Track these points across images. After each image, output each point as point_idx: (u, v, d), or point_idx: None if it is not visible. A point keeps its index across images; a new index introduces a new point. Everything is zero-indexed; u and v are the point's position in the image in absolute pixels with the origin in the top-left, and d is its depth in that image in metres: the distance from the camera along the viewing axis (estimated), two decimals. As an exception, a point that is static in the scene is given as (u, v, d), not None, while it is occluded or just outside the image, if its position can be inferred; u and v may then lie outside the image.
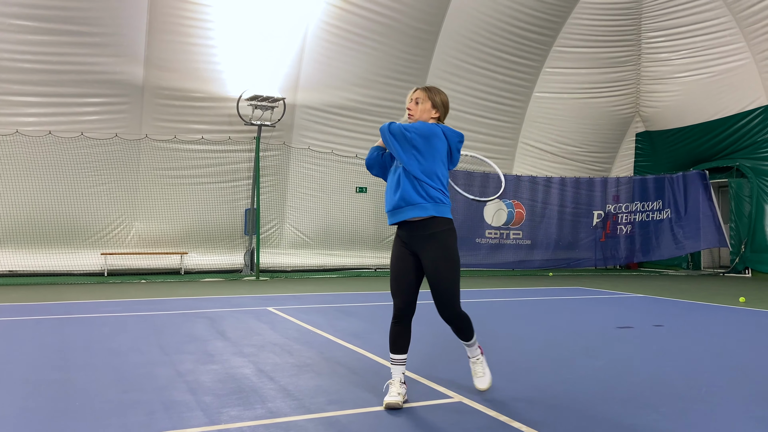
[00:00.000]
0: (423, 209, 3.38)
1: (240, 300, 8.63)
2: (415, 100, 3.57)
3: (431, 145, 3.37)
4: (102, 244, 12.68)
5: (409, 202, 3.38)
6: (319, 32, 13.23)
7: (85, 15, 11.44)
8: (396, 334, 3.52)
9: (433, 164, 3.38)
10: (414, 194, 3.37)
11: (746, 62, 14.42)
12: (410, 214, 3.40)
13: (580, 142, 17.34)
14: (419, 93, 3.57)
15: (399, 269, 3.52)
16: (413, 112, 3.56)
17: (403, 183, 3.40)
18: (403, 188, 3.40)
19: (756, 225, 14.77)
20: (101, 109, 12.36)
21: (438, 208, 3.40)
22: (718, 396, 3.69)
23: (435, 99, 3.57)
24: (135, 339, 5.45)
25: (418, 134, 3.36)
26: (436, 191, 3.39)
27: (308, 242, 14.38)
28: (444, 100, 3.61)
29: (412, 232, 3.46)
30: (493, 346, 5.22)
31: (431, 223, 3.40)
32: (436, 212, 3.39)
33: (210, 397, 3.57)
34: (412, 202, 3.38)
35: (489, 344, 5.15)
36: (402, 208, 3.41)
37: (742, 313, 7.63)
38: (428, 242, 3.40)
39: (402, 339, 3.52)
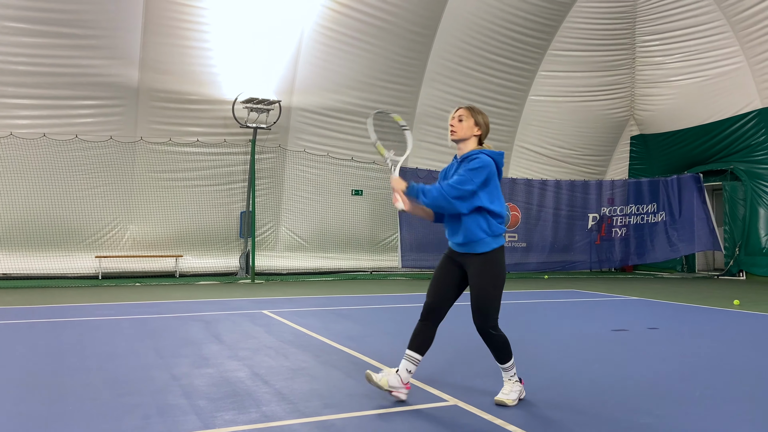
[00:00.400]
0: (486, 245, 3.50)
1: (235, 303, 8.61)
2: (458, 117, 3.64)
3: (489, 178, 3.47)
4: (96, 247, 12.63)
5: (472, 239, 3.50)
6: (314, 35, 13.24)
7: (79, 17, 11.42)
8: (417, 330, 3.61)
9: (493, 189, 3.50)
10: (479, 232, 3.48)
11: (740, 66, 14.50)
12: (475, 249, 3.51)
13: (575, 145, 17.39)
14: (463, 111, 3.66)
15: (440, 274, 3.65)
16: (456, 128, 3.62)
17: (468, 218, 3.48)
18: (466, 225, 3.49)
19: (750, 228, 14.83)
20: (96, 111, 12.33)
21: (497, 240, 3.53)
22: (713, 398, 3.70)
23: (478, 118, 3.65)
24: (129, 342, 5.43)
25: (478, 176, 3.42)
26: (498, 226, 3.51)
27: (304, 245, 14.37)
28: (486, 121, 3.70)
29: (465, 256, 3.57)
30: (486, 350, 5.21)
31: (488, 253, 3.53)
32: (496, 244, 3.52)
33: (204, 401, 3.56)
34: (476, 239, 3.50)
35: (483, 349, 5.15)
36: (467, 244, 3.52)
37: (736, 316, 7.66)
38: (479, 267, 3.52)
39: (420, 338, 3.58)
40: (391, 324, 6.78)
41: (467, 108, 3.66)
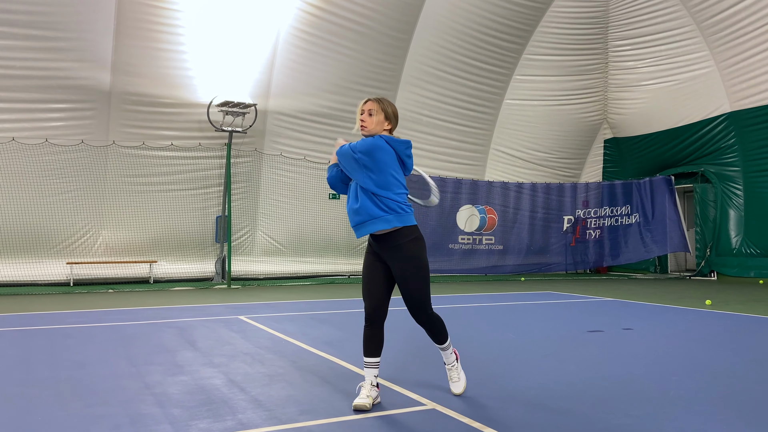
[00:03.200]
0: (386, 221, 3.48)
1: (211, 309, 8.49)
2: (368, 111, 3.59)
3: (377, 159, 3.44)
4: (68, 253, 12.37)
5: (372, 215, 3.49)
6: (290, 38, 13.18)
7: (49, 19, 11.19)
8: (367, 337, 3.60)
9: (384, 176, 3.46)
10: (375, 208, 3.48)
11: (710, 70, 14.81)
12: (374, 227, 3.50)
13: (550, 148, 17.58)
14: (372, 104, 3.60)
15: (369, 275, 3.64)
16: (366, 123, 3.59)
17: (362, 198, 3.51)
18: (362, 203, 3.50)
19: (720, 229, 15.14)
20: (66, 115, 12.09)
21: (400, 218, 3.49)
22: (687, 398, 3.75)
23: (388, 110, 3.61)
24: (101, 351, 5.31)
25: (363, 152, 3.45)
26: (393, 202, 3.48)
27: (281, 249, 14.26)
28: (395, 112, 3.67)
29: (379, 243, 3.58)
30: (466, 351, 5.22)
31: (397, 233, 3.51)
32: (399, 222, 3.49)
33: (178, 410, 3.49)
34: (374, 216, 3.49)
35: (462, 349, 5.15)
36: (365, 223, 3.52)
37: (708, 316, 7.80)
38: (395, 252, 3.52)
39: (373, 342, 3.59)
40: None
41: (376, 100, 3.61)
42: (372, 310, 3.59)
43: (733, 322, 7.17)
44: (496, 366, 4.70)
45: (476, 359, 4.95)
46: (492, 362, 4.85)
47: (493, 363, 4.82)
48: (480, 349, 5.39)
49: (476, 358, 5.02)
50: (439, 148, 15.75)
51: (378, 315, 3.59)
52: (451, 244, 15.25)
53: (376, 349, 3.59)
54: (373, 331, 3.60)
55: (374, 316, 3.59)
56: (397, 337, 5.87)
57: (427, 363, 4.79)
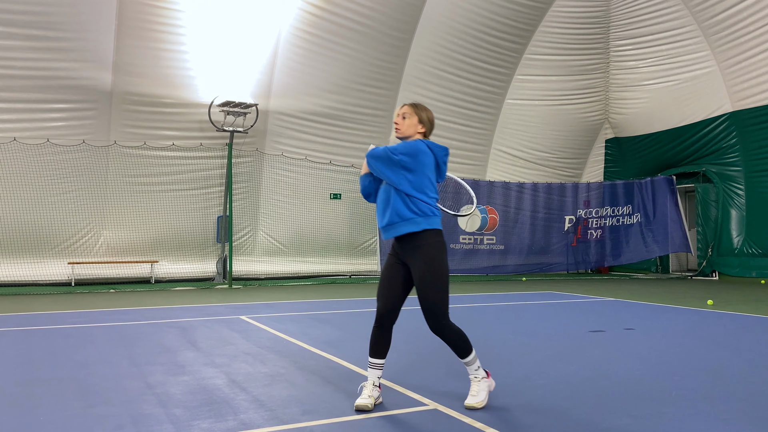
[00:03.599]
0: (415, 224, 3.51)
1: (212, 309, 8.49)
2: (402, 115, 3.68)
3: (419, 161, 3.50)
4: (69, 253, 12.38)
5: (402, 217, 3.52)
6: (291, 38, 13.18)
7: (50, 19, 11.20)
8: (376, 337, 3.61)
9: (422, 179, 3.52)
10: (406, 210, 3.51)
11: (711, 70, 14.80)
12: (404, 229, 3.52)
13: (551, 148, 17.57)
14: (406, 108, 3.70)
15: (387, 276, 3.64)
16: (400, 126, 3.67)
17: (394, 200, 3.54)
18: (394, 205, 3.53)
19: (722, 229, 15.13)
20: (68, 115, 12.10)
21: (429, 220, 3.53)
22: (689, 398, 3.74)
23: (421, 115, 3.69)
24: (103, 351, 5.32)
25: (404, 153, 3.49)
26: (425, 205, 3.53)
27: (282, 249, 14.26)
28: (430, 117, 3.74)
29: (402, 244, 3.60)
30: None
31: (421, 235, 3.53)
32: (428, 225, 3.52)
33: (180, 410, 3.49)
34: (405, 218, 3.52)
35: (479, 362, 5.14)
36: (396, 224, 3.54)
37: (710, 316, 7.79)
38: (417, 253, 3.52)
39: (381, 344, 3.60)
40: (370, 328, 6.74)
41: (411, 105, 3.71)
42: (385, 311, 3.59)
43: (735, 322, 7.16)
44: (497, 367, 4.69)
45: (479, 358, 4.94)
46: (493, 362, 4.84)
47: (495, 363, 4.82)
48: (481, 350, 5.38)
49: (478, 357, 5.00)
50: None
51: (389, 317, 3.59)
52: (452, 244, 15.24)
53: (382, 350, 3.60)
54: (382, 333, 3.59)
55: (386, 317, 3.59)
56: (399, 338, 5.87)
57: (429, 363, 4.78)
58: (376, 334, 3.60)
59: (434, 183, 3.61)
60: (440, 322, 3.47)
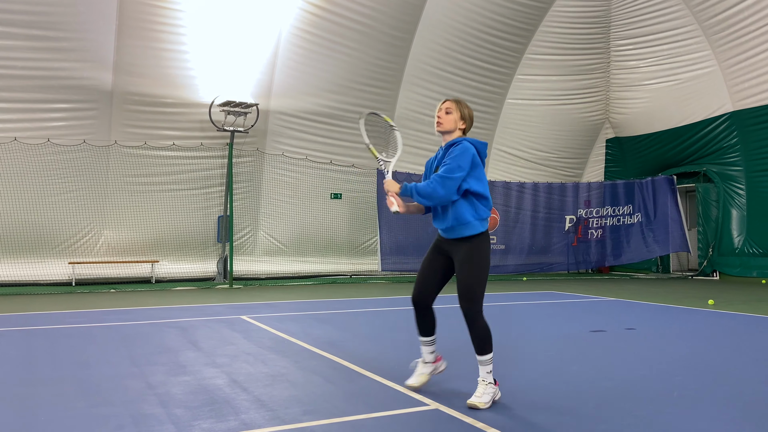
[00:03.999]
0: (473, 228, 3.63)
1: (213, 309, 8.49)
2: (446, 110, 3.77)
3: (474, 164, 3.60)
4: (70, 253, 12.38)
5: (462, 222, 3.62)
6: (291, 38, 13.18)
7: (51, 19, 11.20)
8: (418, 318, 3.87)
9: (482, 181, 3.64)
10: (468, 215, 3.61)
11: (712, 69, 14.79)
12: (463, 233, 3.64)
13: (552, 148, 17.56)
14: (450, 104, 3.79)
15: (428, 261, 3.82)
16: (443, 120, 3.76)
17: (459, 202, 3.61)
18: (458, 207, 3.61)
19: (723, 229, 15.12)
20: (68, 115, 12.10)
21: (484, 224, 3.68)
22: (691, 399, 3.74)
23: (464, 111, 3.80)
24: (104, 350, 5.31)
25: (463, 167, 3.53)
26: (485, 209, 3.67)
27: (282, 249, 14.26)
28: (471, 114, 3.85)
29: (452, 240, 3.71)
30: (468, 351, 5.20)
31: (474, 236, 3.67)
32: (482, 228, 3.66)
33: (181, 410, 3.49)
34: (464, 222, 3.62)
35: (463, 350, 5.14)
36: (455, 228, 3.65)
37: (711, 316, 7.78)
38: (463, 245, 3.66)
39: (423, 323, 3.85)
40: (371, 328, 6.74)
41: (454, 101, 3.81)
42: (419, 293, 3.78)
43: (737, 322, 7.16)
44: (499, 366, 4.69)
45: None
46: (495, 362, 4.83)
47: (496, 363, 4.81)
48: (483, 349, 5.37)
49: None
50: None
51: (422, 299, 3.79)
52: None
53: (426, 329, 3.86)
54: (421, 313, 3.82)
55: (418, 299, 3.79)
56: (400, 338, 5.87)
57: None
58: (415, 315, 3.87)
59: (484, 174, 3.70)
60: (474, 308, 3.60)
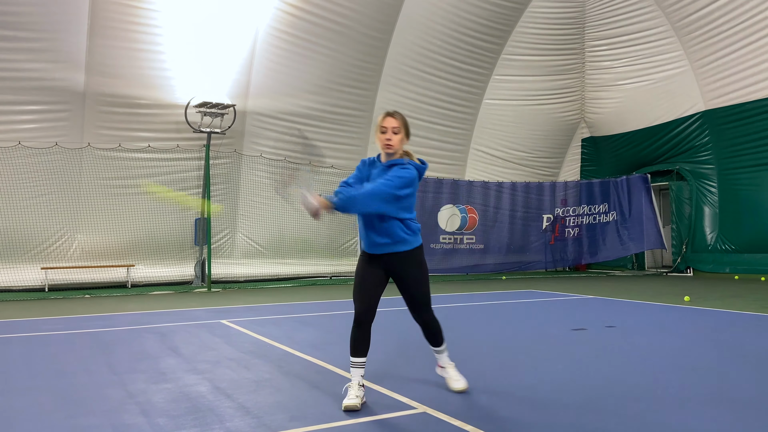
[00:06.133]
0: (409, 243, 3.68)
1: (192, 313, 8.37)
2: (393, 130, 3.65)
3: (413, 192, 3.63)
4: (42, 258, 12.09)
5: (395, 239, 3.65)
6: (269, 38, 13.07)
7: (20, 19, 10.93)
8: (356, 338, 3.68)
9: (411, 201, 3.66)
10: (400, 232, 3.64)
11: (684, 69, 15.06)
12: (397, 249, 3.66)
13: (529, 147, 17.71)
14: (396, 122, 3.66)
15: (365, 277, 3.72)
16: (393, 143, 3.66)
17: (389, 223, 3.61)
18: (388, 228, 3.62)
19: (696, 226, 15.41)
20: (40, 117, 11.83)
21: (417, 237, 3.73)
22: (674, 397, 3.78)
23: (407, 127, 3.76)
24: (81, 358, 5.19)
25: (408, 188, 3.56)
26: (414, 224, 3.71)
27: (261, 251, 14.13)
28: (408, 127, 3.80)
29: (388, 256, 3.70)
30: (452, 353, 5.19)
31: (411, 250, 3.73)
32: (417, 242, 3.73)
33: (164, 419, 3.41)
34: (398, 239, 3.65)
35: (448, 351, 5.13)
36: (388, 245, 3.65)
37: (687, 312, 7.91)
38: (405, 261, 3.70)
39: (362, 342, 3.69)
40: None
41: (400, 117, 3.69)
42: (363, 311, 3.67)
43: (713, 319, 7.28)
44: (484, 367, 4.69)
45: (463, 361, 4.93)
46: (480, 363, 4.84)
47: (482, 364, 4.82)
48: (466, 351, 5.38)
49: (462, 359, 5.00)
50: (419, 148, 15.74)
51: (368, 316, 3.68)
52: (432, 243, 15.26)
53: (363, 349, 3.69)
54: (362, 332, 3.68)
55: (364, 317, 3.67)
56: (386, 340, 5.84)
57: (418, 366, 4.76)
58: (355, 334, 3.67)
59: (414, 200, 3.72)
60: (429, 313, 3.83)
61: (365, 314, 3.66)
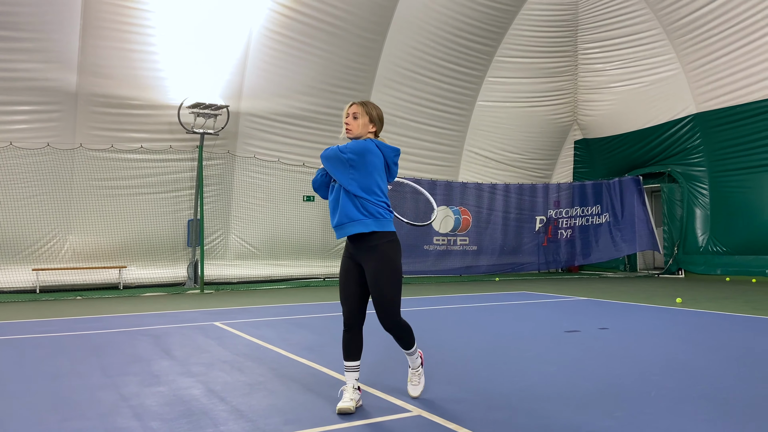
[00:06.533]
0: (365, 225, 3.52)
1: (185, 315, 8.33)
2: (353, 114, 3.64)
3: (366, 161, 3.49)
4: (33, 259, 12.01)
5: (351, 218, 3.53)
6: (262, 39, 13.04)
7: (13, 19, 10.86)
8: (347, 341, 3.65)
9: (370, 180, 3.51)
10: (355, 211, 3.51)
11: (676, 72, 15.15)
12: (353, 229, 3.53)
13: (522, 149, 17.76)
14: (356, 108, 3.65)
15: (345, 279, 3.66)
16: (351, 126, 3.64)
17: (343, 200, 3.53)
18: (343, 205, 3.53)
19: (687, 228, 15.50)
20: (31, 117, 11.75)
21: (379, 222, 3.53)
22: (668, 398, 3.80)
23: (372, 113, 3.66)
24: (74, 361, 5.15)
25: (353, 153, 3.47)
26: (375, 206, 3.52)
27: (254, 253, 14.09)
28: (380, 115, 3.72)
29: (356, 244, 3.60)
30: (447, 355, 5.21)
31: (373, 236, 3.55)
32: (378, 227, 3.53)
33: (157, 422, 3.40)
34: (354, 219, 3.52)
35: (442, 353, 5.14)
36: (345, 225, 3.56)
37: (680, 314, 7.95)
38: (370, 254, 3.54)
39: (353, 346, 3.64)
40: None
41: (360, 104, 3.66)
42: (349, 314, 3.64)
43: (705, 320, 7.33)
44: (478, 369, 4.70)
45: (458, 363, 4.94)
46: (474, 365, 4.85)
47: (475, 365, 4.82)
48: (461, 353, 5.39)
49: (457, 361, 5.01)
50: (413, 149, 15.77)
51: (355, 319, 3.64)
52: (426, 245, 15.28)
53: (355, 352, 3.65)
54: (352, 335, 3.65)
55: (351, 320, 3.64)
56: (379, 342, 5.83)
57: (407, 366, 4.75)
58: (346, 337, 3.65)
59: (382, 185, 3.58)
60: (393, 321, 3.57)
61: (351, 317, 3.62)
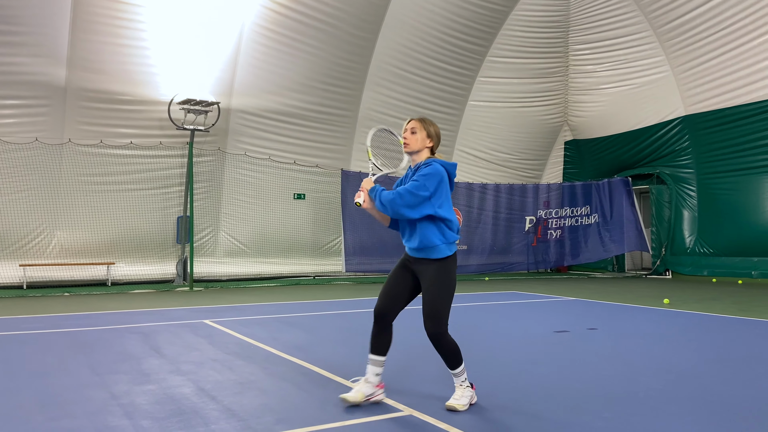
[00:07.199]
0: (440, 252, 3.58)
1: (174, 313, 8.29)
2: (411, 130, 3.70)
3: (443, 186, 3.56)
4: (20, 255, 11.89)
5: (428, 245, 3.57)
6: (254, 35, 12.98)
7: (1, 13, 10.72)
8: (374, 334, 3.70)
9: (444, 199, 3.57)
10: (434, 239, 3.56)
11: (665, 75, 15.27)
12: (430, 255, 3.59)
13: (512, 149, 17.83)
14: (415, 123, 3.72)
15: (394, 278, 3.73)
16: (409, 141, 3.69)
17: (423, 224, 3.56)
18: (422, 231, 3.57)
19: (675, 229, 15.64)
20: (19, 111, 11.62)
21: (451, 247, 3.62)
22: (657, 399, 3.84)
23: (429, 129, 3.73)
24: (62, 358, 5.11)
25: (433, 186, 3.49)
26: (451, 233, 3.60)
27: (244, 250, 14.04)
28: (437, 131, 3.77)
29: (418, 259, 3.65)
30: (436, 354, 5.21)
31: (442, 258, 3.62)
32: (449, 252, 3.61)
33: (148, 421, 3.38)
34: (431, 245, 3.57)
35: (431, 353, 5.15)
36: (424, 249, 3.60)
37: (668, 315, 8.03)
38: (431, 266, 3.60)
39: (378, 340, 3.68)
40: (339, 331, 6.70)
41: (419, 120, 3.73)
42: (382, 310, 3.66)
43: (693, 321, 7.40)
44: (467, 368, 4.71)
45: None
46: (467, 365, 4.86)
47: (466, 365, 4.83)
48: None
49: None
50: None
51: (386, 317, 3.67)
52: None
53: (380, 347, 3.67)
54: (380, 330, 3.67)
55: (381, 316, 3.66)
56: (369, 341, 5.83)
57: (404, 369, 4.77)
58: (373, 330, 3.69)
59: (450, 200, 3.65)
60: (440, 330, 3.54)
61: (381, 310, 3.66)
